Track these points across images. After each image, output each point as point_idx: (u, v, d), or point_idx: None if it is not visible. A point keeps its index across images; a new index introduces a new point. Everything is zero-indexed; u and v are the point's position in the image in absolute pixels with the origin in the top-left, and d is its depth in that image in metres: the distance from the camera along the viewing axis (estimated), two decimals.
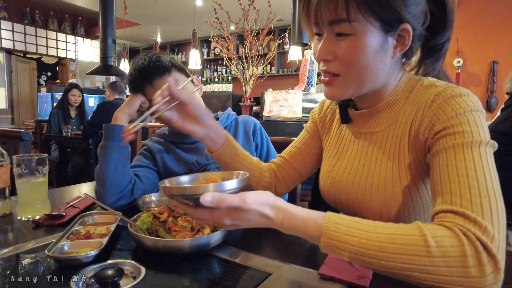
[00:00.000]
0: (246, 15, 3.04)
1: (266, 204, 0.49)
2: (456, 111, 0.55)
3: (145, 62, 0.94)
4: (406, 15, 0.56)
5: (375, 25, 0.56)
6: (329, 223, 0.48)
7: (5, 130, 1.45)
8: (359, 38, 0.57)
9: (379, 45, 0.58)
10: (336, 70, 0.61)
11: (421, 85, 0.64)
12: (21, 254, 0.61)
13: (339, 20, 0.56)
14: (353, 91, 0.64)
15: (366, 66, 0.59)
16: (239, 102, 3.25)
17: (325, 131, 0.82)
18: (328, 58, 0.61)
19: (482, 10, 4.18)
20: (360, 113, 0.70)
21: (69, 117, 3.60)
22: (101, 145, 0.89)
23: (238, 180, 0.52)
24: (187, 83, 0.90)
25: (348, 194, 0.70)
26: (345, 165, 0.72)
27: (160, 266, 0.56)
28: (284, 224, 0.49)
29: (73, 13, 6.34)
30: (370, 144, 0.69)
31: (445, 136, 0.55)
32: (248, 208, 0.47)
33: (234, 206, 0.47)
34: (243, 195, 0.48)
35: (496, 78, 4.15)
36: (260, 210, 0.48)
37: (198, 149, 1.02)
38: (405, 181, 0.62)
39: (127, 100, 0.95)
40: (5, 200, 0.82)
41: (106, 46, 3.42)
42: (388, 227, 0.47)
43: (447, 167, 0.51)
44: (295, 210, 0.50)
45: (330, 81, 0.63)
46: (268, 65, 6.14)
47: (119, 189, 0.86)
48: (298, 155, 0.84)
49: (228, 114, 1.08)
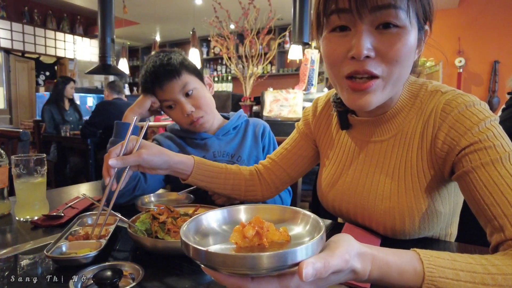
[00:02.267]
0: (246, 14, 3.03)
1: (354, 255, 0.38)
2: (476, 123, 0.54)
3: (156, 65, 0.97)
4: (429, 16, 0.55)
5: (413, 22, 0.53)
6: (431, 267, 0.40)
7: (3, 130, 1.44)
8: (405, 33, 0.52)
9: (415, 44, 0.55)
10: (377, 71, 0.53)
11: (425, 90, 0.62)
12: (20, 255, 0.60)
13: (386, 5, 0.50)
14: (388, 96, 0.57)
15: (406, 66, 0.55)
16: (239, 102, 3.24)
17: (321, 136, 0.79)
18: (371, 54, 0.52)
19: (483, 10, 4.18)
20: (363, 121, 0.67)
21: (64, 110, 3.62)
22: (111, 140, 0.94)
23: (317, 241, 0.35)
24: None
25: (349, 203, 0.69)
26: (352, 174, 0.70)
27: (159, 267, 0.56)
28: (373, 275, 0.39)
29: (71, 12, 6.31)
30: (374, 153, 0.67)
31: (475, 152, 0.53)
32: (348, 267, 0.36)
33: (338, 270, 0.35)
34: (339, 251, 0.36)
35: (498, 78, 4.15)
36: (351, 265, 0.37)
37: (206, 146, 1.04)
38: (410, 192, 0.61)
39: (139, 100, 1.00)
40: (3, 200, 0.82)
41: (105, 45, 3.40)
42: (494, 264, 0.42)
43: (496, 185, 0.49)
44: (383, 256, 0.39)
45: (368, 86, 0.54)
46: (268, 65, 6.13)
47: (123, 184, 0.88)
48: (288, 158, 0.82)
49: (239, 115, 1.11)
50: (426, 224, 0.62)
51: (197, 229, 0.42)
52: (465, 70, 4.35)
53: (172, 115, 1.01)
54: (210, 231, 0.43)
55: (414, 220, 0.61)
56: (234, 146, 1.05)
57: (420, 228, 0.62)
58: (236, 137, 1.07)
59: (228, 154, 1.03)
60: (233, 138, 1.07)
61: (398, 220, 0.62)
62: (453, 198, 0.65)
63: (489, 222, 0.51)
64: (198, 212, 0.71)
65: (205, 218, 0.44)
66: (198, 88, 0.99)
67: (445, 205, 0.63)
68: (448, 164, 0.58)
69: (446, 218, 0.65)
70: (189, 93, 0.97)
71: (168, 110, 1.00)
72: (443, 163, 0.59)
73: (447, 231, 0.68)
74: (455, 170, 0.57)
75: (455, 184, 0.63)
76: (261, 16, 3.00)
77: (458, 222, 0.72)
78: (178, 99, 0.97)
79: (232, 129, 1.08)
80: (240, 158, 1.03)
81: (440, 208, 0.62)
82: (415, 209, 0.61)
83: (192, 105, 0.97)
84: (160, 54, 1.00)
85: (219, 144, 1.04)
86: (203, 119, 0.99)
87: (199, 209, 0.73)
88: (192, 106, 0.97)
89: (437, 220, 0.62)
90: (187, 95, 0.97)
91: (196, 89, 0.99)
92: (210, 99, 1.03)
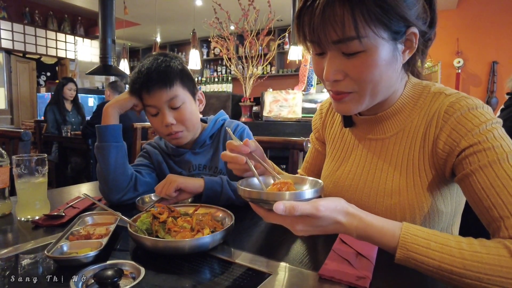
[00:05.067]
0: (246, 15, 3.04)
1: (340, 211, 0.48)
2: (477, 125, 0.55)
3: (151, 68, 0.91)
4: (411, 18, 0.55)
5: (384, 37, 0.54)
6: (407, 234, 0.47)
7: (5, 130, 1.45)
8: (371, 54, 0.54)
9: (391, 56, 0.56)
10: (348, 89, 0.59)
11: (428, 91, 0.63)
12: (21, 255, 0.60)
13: (347, 38, 0.53)
14: (367, 104, 0.61)
15: (380, 80, 0.57)
16: (239, 102, 3.24)
17: (328, 135, 0.82)
18: (338, 77, 0.58)
19: (482, 10, 4.19)
20: (365, 119, 0.69)
21: (65, 111, 3.60)
22: (97, 145, 0.92)
23: (314, 191, 0.51)
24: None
25: (350, 200, 0.69)
26: (348, 169, 0.71)
27: (160, 267, 0.56)
28: (359, 231, 0.49)
29: (72, 13, 6.33)
30: (375, 151, 0.68)
31: (474, 154, 0.54)
32: (321, 215, 0.46)
33: (307, 213, 0.46)
34: (315, 202, 0.47)
35: (496, 78, 4.15)
36: (333, 217, 0.47)
37: (184, 161, 1.03)
38: (412, 190, 0.62)
39: (122, 97, 0.95)
40: (5, 200, 0.82)
41: (106, 46, 3.41)
42: (470, 243, 0.47)
43: (493, 188, 0.51)
44: (370, 219, 0.49)
45: (342, 97, 0.60)
46: (268, 65, 6.14)
47: (122, 186, 0.91)
48: (312, 170, 0.88)
49: (215, 120, 1.05)
50: (427, 223, 0.62)
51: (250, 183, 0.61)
52: (464, 71, 4.35)
53: (152, 122, 0.96)
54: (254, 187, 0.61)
55: (415, 218, 0.62)
56: (209, 157, 1.02)
57: (422, 226, 0.62)
58: (212, 147, 1.03)
59: (206, 167, 1.01)
60: (208, 149, 1.03)
61: (399, 218, 0.62)
62: (455, 199, 0.65)
63: (489, 224, 0.52)
64: (199, 211, 0.71)
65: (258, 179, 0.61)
66: (186, 102, 0.94)
67: (446, 205, 0.63)
68: (448, 165, 0.59)
69: (448, 218, 0.65)
70: (175, 107, 0.92)
71: (150, 116, 0.95)
72: (444, 164, 0.60)
73: (448, 231, 0.68)
74: (456, 172, 0.58)
75: (457, 184, 0.63)
76: (260, 17, 3.00)
77: (459, 223, 0.73)
78: (163, 108, 0.92)
79: (209, 138, 1.03)
80: (217, 169, 1.00)
81: (441, 207, 0.62)
82: (416, 207, 0.61)
83: (174, 117, 0.92)
84: (160, 57, 0.94)
85: (194, 158, 1.02)
86: (181, 134, 0.95)
87: (200, 208, 0.73)
88: (173, 119, 0.92)
89: (438, 219, 0.63)
90: (173, 108, 0.93)
91: (184, 103, 0.93)
92: (196, 116, 0.98)
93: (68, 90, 3.61)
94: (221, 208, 0.73)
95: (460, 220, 0.72)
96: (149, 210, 0.68)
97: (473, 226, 0.70)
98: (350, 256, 0.57)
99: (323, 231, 0.49)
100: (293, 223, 0.48)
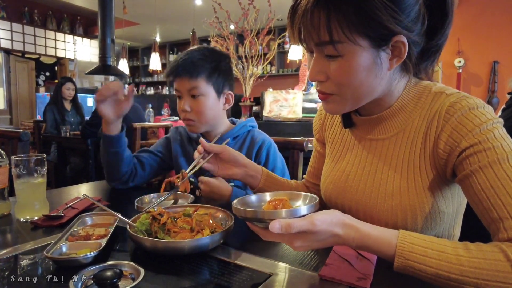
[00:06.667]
0: (245, 15, 3.03)
1: (336, 223, 0.49)
2: (477, 125, 0.55)
3: (188, 53, 1.00)
4: (396, 28, 0.53)
5: (362, 44, 0.54)
6: (404, 243, 0.48)
7: (4, 131, 1.45)
8: (348, 60, 0.55)
9: (371, 62, 0.56)
10: (329, 90, 0.61)
11: (429, 92, 0.63)
12: (20, 255, 0.60)
13: (322, 42, 0.55)
14: (350, 106, 0.63)
15: (360, 85, 0.58)
16: (239, 102, 3.24)
17: (328, 136, 0.82)
18: (320, 78, 0.60)
19: (483, 10, 4.18)
20: (365, 119, 0.69)
21: (65, 110, 3.59)
22: (102, 139, 1.02)
23: (309, 207, 0.51)
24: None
25: (351, 201, 0.69)
26: (349, 170, 0.71)
27: (159, 268, 0.56)
28: (356, 242, 0.49)
29: (71, 13, 6.32)
30: (376, 151, 0.68)
31: (475, 154, 0.54)
32: (318, 229, 0.47)
33: (304, 230, 0.47)
34: (311, 217, 0.47)
35: (497, 78, 4.15)
36: (330, 230, 0.48)
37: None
38: (413, 191, 0.61)
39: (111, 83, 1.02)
40: (4, 201, 0.82)
41: (105, 45, 3.41)
42: (467, 248, 0.47)
43: (492, 189, 0.51)
44: (367, 229, 0.50)
45: (326, 98, 0.62)
46: (268, 65, 6.13)
47: (117, 176, 1.05)
48: (316, 175, 0.88)
49: (243, 124, 1.12)
50: (428, 223, 0.62)
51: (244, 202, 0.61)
52: (465, 71, 4.35)
53: (178, 104, 1.06)
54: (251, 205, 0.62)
55: (417, 219, 0.62)
56: None
57: (423, 228, 0.62)
58: (234, 147, 1.07)
59: None
60: None
61: (400, 218, 0.62)
62: (456, 199, 0.65)
63: (489, 225, 0.52)
64: (199, 212, 0.71)
65: (252, 197, 0.63)
66: (206, 96, 1.01)
67: (448, 205, 0.63)
68: (449, 166, 0.59)
69: (449, 218, 0.65)
70: (194, 96, 1.01)
71: (177, 98, 1.06)
72: (444, 164, 0.59)
73: (449, 232, 0.68)
74: (457, 173, 0.58)
75: (458, 185, 0.63)
76: (260, 17, 3.00)
77: (461, 223, 0.72)
78: (184, 94, 1.02)
79: (232, 139, 1.08)
80: None
81: (443, 208, 0.62)
82: (417, 208, 0.61)
83: (190, 106, 1.01)
84: (202, 48, 1.03)
85: None
86: (192, 123, 1.03)
87: (199, 209, 0.73)
88: (189, 107, 1.01)
89: (439, 220, 0.63)
90: (193, 96, 1.01)
91: (203, 96, 1.01)
92: (214, 112, 1.03)
93: (67, 90, 3.58)
94: (221, 208, 0.73)
95: (461, 221, 0.72)
96: (149, 211, 0.67)
97: (474, 226, 0.70)
98: (351, 256, 0.57)
99: (322, 244, 0.50)
100: (291, 240, 0.49)
